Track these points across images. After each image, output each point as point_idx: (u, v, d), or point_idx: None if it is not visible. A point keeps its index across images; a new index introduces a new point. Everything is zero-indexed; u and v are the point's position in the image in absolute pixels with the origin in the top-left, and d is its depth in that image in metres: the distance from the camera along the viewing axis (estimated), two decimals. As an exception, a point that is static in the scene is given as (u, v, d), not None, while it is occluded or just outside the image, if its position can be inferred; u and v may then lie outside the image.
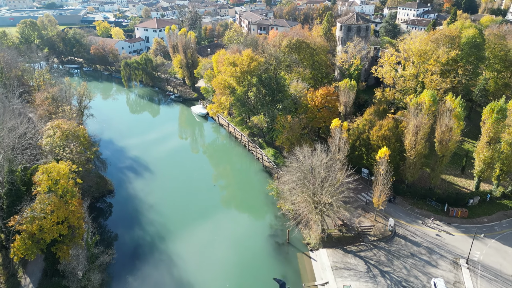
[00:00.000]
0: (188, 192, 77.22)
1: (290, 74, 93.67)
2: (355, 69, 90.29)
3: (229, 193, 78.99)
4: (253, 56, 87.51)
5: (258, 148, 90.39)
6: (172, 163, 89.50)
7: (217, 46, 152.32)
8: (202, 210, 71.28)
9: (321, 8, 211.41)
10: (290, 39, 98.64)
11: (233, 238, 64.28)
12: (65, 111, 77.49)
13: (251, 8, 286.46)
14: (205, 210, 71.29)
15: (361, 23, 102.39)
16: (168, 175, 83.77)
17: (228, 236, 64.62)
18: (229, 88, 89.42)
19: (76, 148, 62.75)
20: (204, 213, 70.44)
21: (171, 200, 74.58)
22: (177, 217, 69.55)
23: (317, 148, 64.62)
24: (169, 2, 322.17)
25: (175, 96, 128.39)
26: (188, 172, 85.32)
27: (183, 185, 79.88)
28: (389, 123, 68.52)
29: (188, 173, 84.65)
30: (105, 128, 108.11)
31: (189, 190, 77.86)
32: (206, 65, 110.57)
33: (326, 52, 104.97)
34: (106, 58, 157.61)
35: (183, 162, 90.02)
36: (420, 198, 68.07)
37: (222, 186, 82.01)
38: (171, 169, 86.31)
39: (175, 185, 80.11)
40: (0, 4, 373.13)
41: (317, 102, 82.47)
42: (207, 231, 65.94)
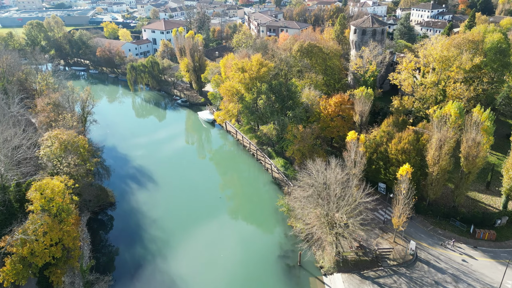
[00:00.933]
0: (193, 205, 73.07)
1: (301, 80, 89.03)
2: (371, 76, 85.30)
3: (236, 207, 74.59)
4: (263, 62, 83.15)
5: (267, 158, 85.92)
6: (177, 171, 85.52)
7: (225, 49, 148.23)
8: (207, 226, 67.08)
9: (332, 9, 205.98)
10: (302, 43, 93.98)
11: (240, 257, 59.97)
12: (65, 119, 73.73)
13: (260, 9, 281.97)
14: (210, 226, 67.08)
15: (376, 26, 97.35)
16: (172, 186, 79.78)
17: (234, 255, 60.34)
18: (237, 95, 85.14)
19: (74, 161, 58.90)
20: (209, 229, 66.25)
21: (175, 214, 70.51)
22: (181, 233, 65.44)
23: (331, 162, 60.18)
24: (178, 2, 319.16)
25: (181, 100, 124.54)
26: (193, 182, 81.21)
27: (188, 197, 75.79)
28: (409, 136, 63.52)
29: (194, 183, 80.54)
30: (109, 134, 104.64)
31: (194, 203, 73.72)
32: (213, 70, 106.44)
33: (339, 56, 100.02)
34: (112, 61, 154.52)
35: (189, 171, 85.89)
36: (443, 217, 62.93)
37: (228, 198, 77.65)
38: (176, 179, 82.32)
39: (180, 196, 76.06)
40: (10, 5, 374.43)
41: (330, 110, 77.76)
42: (212, 248, 61.71)
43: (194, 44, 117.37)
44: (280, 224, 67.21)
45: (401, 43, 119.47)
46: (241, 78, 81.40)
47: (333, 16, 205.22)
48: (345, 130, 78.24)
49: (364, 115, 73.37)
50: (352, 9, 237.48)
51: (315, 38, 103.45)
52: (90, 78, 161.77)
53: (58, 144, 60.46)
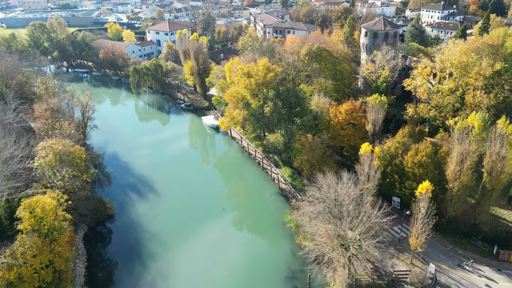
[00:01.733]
0: (195, 217, 69.32)
1: (310, 85, 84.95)
2: (384, 81, 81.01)
3: (240, 220, 70.66)
4: (270, 66, 79.20)
5: (274, 167, 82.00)
6: (179, 179, 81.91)
7: (230, 52, 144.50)
8: (210, 241, 63.32)
9: (340, 10, 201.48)
10: (310, 46, 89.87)
11: (245, 277, 56.16)
12: (62, 127, 70.35)
13: (266, 9, 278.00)
14: (213, 241, 63.31)
15: (388, 29, 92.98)
16: (174, 195, 76.18)
17: (239, 274, 56.53)
18: (243, 101, 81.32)
19: (69, 174, 55.40)
20: (212, 244, 62.51)
21: (176, 227, 66.81)
22: (182, 248, 61.75)
23: (343, 175, 56.23)
24: (183, 3, 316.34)
25: (185, 104, 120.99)
26: (196, 191, 77.56)
27: (190, 208, 72.10)
28: (426, 148, 59.26)
29: (196, 192, 76.89)
30: (110, 139, 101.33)
31: (196, 214, 69.98)
32: (218, 74, 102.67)
33: (349, 60, 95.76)
34: (115, 63, 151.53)
35: (191, 179, 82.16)
36: (463, 236, 58.57)
37: (232, 209, 73.66)
38: (178, 187, 78.70)
39: (181, 208, 72.38)
40: (16, 5, 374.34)
41: (341, 118, 73.58)
42: (215, 265, 57.97)
43: (199, 47, 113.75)
44: (287, 240, 63.24)
45: (413, 46, 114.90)
46: (247, 83, 77.53)
47: (341, 17, 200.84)
48: (356, 139, 74.28)
49: (377, 124, 69.14)
50: (360, 9, 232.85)
51: (324, 41, 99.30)
52: (93, 80, 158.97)
53: (52, 155, 57.03)
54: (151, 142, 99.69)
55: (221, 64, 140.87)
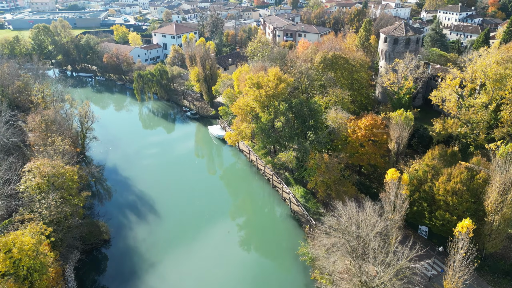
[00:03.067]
0: (197, 241, 63.10)
1: (324, 96, 78.06)
2: (407, 93, 73.77)
3: (247, 248, 63.90)
4: (281, 76, 72.49)
5: (285, 186, 75.32)
6: (182, 197, 75.84)
7: (239, 56, 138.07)
8: (213, 270, 56.91)
9: (353, 12, 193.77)
10: (325, 53, 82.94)
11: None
12: (55, 143, 64.52)
13: (276, 11, 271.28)
14: (216, 271, 56.88)
15: (410, 34, 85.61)
16: (176, 217, 70.05)
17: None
18: (252, 113, 74.83)
19: (56, 201, 49.38)
20: (215, 275, 56.06)
21: (177, 255, 60.55)
22: (182, 279, 55.44)
23: (365, 205, 49.56)
24: (191, 4, 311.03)
25: (191, 113, 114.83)
26: (199, 210, 71.36)
27: (192, 231, 65.82)
28: (461, 174, 52.02)
29: (199, 212, 70.72)
30: (111, 151, 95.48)
31: (199, 239, 63.73)
32: (225, 82, 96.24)
33: (367, 68, 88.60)
34: (119, 67, 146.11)
35: (194, 197, 75.74)
36: (503, 275, 51.24)
37: (238, 232, 67.09)
38: (180, 207, 72.58)
39: (183, 231, 66.11)
40: (24, 6, 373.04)
41: (360, 134, 66.60)
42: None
43: (205, 52, 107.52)
44: (301, 274, 56.48)
45: (434, 52, 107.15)
46: (256, 95, 70.96)
47: (354, 19, 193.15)
48: (376, 157, 67.30)
49: (402, 142, 61.95)
50: (373, 11, 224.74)
51: (340, 47, 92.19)
52: (97, 85, 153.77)
53: (39, 179, 51.09)
54: (153, 154, 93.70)
55: (228, 69, 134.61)
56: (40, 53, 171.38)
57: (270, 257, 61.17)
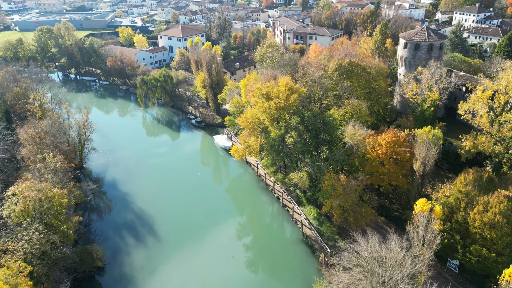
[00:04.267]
0: (200, 270, 57.19)
1: (339, 108, 71.70)
2: (431, 105, 67.03)
3: (254, 274, 57.94)
4: (292, 86, 66.32)
5: (296, 205, 69.17)
6: (183, 216, 70.14)
7: (247, 61, 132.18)
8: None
9: (366, 13, 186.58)
10: (340, 60, 76.53)
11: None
12: (45, 160, 59.20)
13: (286, 12, 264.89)
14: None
15: (433, 39, 78.75)
16: (176, 239, 64.30)
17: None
18: (260, 126, 68.80)
19: (40, 232, 43.86)
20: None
21: (178, 285, 54.76)
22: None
23: (390, 238, 43.39)
24: (199, 5, 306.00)
25: (196, 121, 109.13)
26: (202, 231, 65.59)
27: (194, 256, 59.99)
28: (500, 203, 45.35)
29: (203, 235, 64.81)
30: (111, 162, 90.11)
31: (200, 264, 57.86)
32: (232, 90, 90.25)
33: (386, 76, 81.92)
34: (123, 71, 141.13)
35: (197, 215, 70.02)
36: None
37: (244, 257, 60.98)
38: (182, 228, 66.82)
39: (185, 256, 60.30)
40: (32, 7, 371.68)
41: (380, 152, 60.13)
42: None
43: (212, 58, 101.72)
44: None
45: (456, 57, 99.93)
46: (265, 107, 64.81)
47: (366, 20, 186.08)
48: (398, 177, 60.73)
49: (429, 163, 55.28)
50: (387, 12, 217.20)
51: (355, 53, 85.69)
52: (101, 89, 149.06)
53: (22, 205, 45.67)
54: (155, 166, 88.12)
55: (236, 74, 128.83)
56: (44, 56, 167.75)
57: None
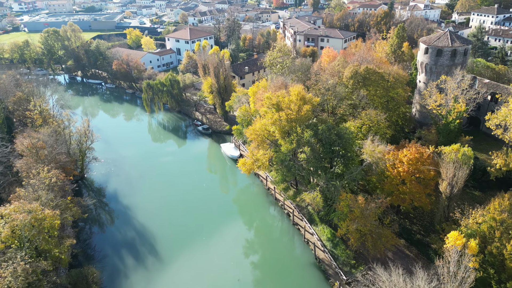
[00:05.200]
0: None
1: (355, 119, 66.55)
2: (457, 117, 61.48)
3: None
4: (305, 96, 61.43)
5: (308, 224, 64.26)
6: (186, 232, 65.78)
7: (256, 64, 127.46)
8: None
9: (379, 14, 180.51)
10: (356, 67, 71.35)
11: None
12: (39, 175, 55.26)
13: (296, 13, 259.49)
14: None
15: (457, 45, 73.08)
16: (178, 258, 59.88)
17: None
18: (270, 138, 64.05)
19: (26, 262, 39.73)
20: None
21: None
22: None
23: (415, 272, 38.42)
24: (208, 6, 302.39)
25: (203, 128, 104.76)
26: (206, 251, 61.09)
27: (198, 280, 55.48)
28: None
29: (207, 254, 60.36)
30: (113, 172, 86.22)
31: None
32: (240, 98, 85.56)
33: (405, 84, 76.42)
34: (130, 74, 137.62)
35: (201, 231, 65.61)
36: None
37: (251, 285, 56.38)
38: (184, 246, 62.35)
39: (187, 279, 55.84)
40: (42, 8, 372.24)
41: (401, 169, 54.88)
42: None
43: (219, 62, 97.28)
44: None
45: (478, 63, 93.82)
46: (276, 119, 60.03)
47: (380, 22, 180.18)
48: (421, 198, 55.33)
49: (457, 184, 49.87)
50: (401, 13, 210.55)
51: (372, 58, 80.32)
52: (107, 93, 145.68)
53: (8, 230, 41.64)
54: (159, 177, 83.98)
55: (245, 78, 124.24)
56: (50, 58, 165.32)
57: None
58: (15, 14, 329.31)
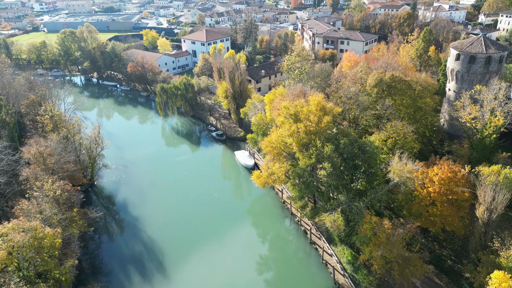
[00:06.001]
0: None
1: (380, 130, 61.73)
2: (494, 132, 55.95)
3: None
4: (325, 106, 56.94)
5: (326, 244, 59.79)
6: (196, 247, 62.01)
7: (273, 68, 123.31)
8: None
9: (402, 16, 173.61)
10: (381, 75, 66.41)
11: None
12: (43, 188, 52.56)
13: (315, 13, 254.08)
14: None
15: (492, 51, 67.27)
16: (187, 279, 56.28)
17: None
18: (286, 150, 59.85)
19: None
20: None
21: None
22: None
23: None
24: (226, 6, 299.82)
25: (217, 134, 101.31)
26: (218, 268, 57.27)
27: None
28: None
29: (218, 272, 56.55)
30: (124, 180, 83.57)
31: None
32: (256, 105, 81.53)
33: (433, 93, 70.99)
34: (144, 77, 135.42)
35: (211, 248, 61.88)
36: None
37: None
38: (194, 263, 58.74)
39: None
40: (63, 8, 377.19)
41: (431, 190, 49.92)
42: None
43: (235, 66, 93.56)
44: None
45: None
46: (293, 130, 55.80)
47: (403, 24, 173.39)
48: (453, 222, 50.27)
49: (496, 210, 44.59)
50: (424, 14, 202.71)
51: (397, 64, 75.06)
52: (122, 95, 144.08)
53: (5, 252, 38.79)
54: (170, 184, 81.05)
55: (261, 82, 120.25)
56: (67, 60, 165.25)
57: None
58: (36, 14, 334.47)
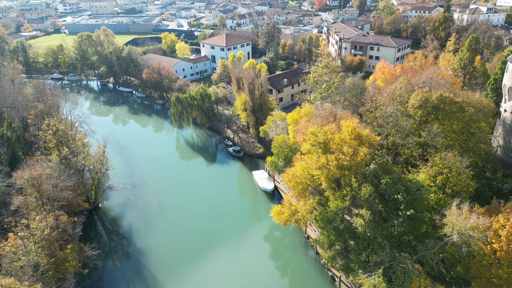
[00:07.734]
0: None
1: (425, 162, 51.65)
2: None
3: None
4: (361, 134, 47.47)
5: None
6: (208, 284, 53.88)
7: (296, 76, 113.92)
8: None
9: (438, 19, 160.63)
10: (426, 94, 56.16)
11: None
12: (30, 226, 45.27)
13: (341, 15, 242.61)
14: None
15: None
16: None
17: None
18: (313, 184, 50.66)
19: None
20: None
21: None
22: None
23: None
24: (248, 7, 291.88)
25: (233, 150, 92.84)
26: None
27: None
28: None
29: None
30: (131, 202, 76.24)
31: None
32: (278, 123, 72.36)
33: (490, 116, 60.08)
34: (160, 84, 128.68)
35: (223, 282, 53.69)
36: None
37: None
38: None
39: None
40: (86, 9, 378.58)
41: (497, 247, 39.66)
42: None
43: (255, 77, 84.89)
44: None
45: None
46: (322, 163, 46.54)
47: (438, 28, 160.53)
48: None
49: None
50: (461, 17, 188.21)
51: (444, 81, 64.36)
52: (137, 102, 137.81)
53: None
54: (180, 208, 73.19)
55: (283, 91, 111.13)
56: (84, 64, 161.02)
57: None
58: (59, 15, 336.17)
